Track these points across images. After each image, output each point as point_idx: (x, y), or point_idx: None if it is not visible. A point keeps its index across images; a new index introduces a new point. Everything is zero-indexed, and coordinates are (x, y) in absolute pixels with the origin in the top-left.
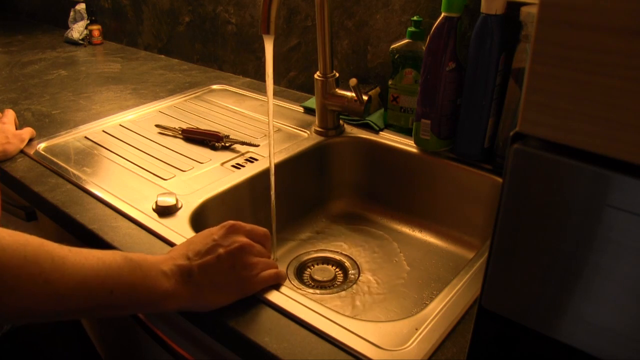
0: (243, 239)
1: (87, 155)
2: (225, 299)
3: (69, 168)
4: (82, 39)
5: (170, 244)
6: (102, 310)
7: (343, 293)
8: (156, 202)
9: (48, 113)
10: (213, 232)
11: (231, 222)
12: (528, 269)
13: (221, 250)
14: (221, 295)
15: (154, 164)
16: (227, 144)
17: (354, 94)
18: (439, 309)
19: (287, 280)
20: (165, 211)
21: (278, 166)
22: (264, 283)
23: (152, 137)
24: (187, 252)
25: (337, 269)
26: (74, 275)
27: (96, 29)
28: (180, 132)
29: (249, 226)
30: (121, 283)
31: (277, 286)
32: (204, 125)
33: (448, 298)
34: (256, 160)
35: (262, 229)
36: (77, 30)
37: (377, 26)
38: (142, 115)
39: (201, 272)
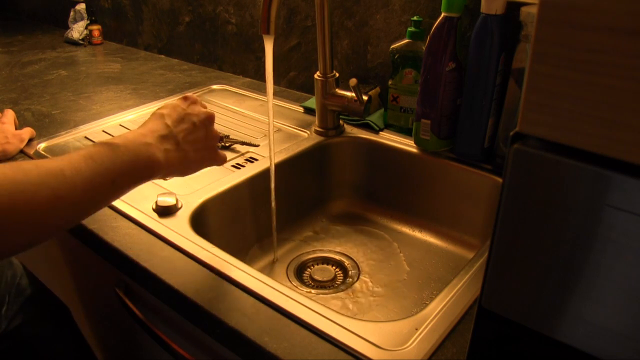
0: (207, 111)
1: None
2: (202, 163)
3: None
4: (82, 39)
5: (171, 244)
6: (108, 201)
7: (343, 293)
8: (156, 202)
9: (48, 113)
10: (177, 103)
11: (186, 94)
12: (528, 268)
13: (195, 119)
14: (200, 160)
15: None
16: (227, 144)
17: (354, 94)
18: (439, 309)
19: (287, 280)
20: (165, 211)
21: (278, 166)
22: (222, 157)
23: None
24: (164, 121)
25: (337, 269)
26: (77, 182)
27: (96, 29)
28: None
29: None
30: (119, 171)
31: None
32: None
33: (448, 298)
34: (256, 160)
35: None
36: (77, 30)
37: (377, 26)
38: (142, 115)
39: (184, 139)
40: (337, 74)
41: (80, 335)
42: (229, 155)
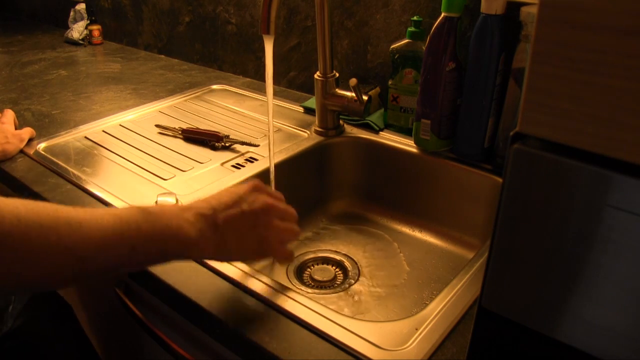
0: (267, 199)
1: (87, 155)
2: (245, 254)
3: (69, 168)
4: (82, 39)
5: None
6: (126, 267)
7: (343, 293)
8: (156, 202)
9: (48, 113)
10: (238, 189)
11: (254, 181)
12: (528, 269)
13: (245, 207)
14: (242, 250)
15: (154, 164)
16: (227, 144)
17: (354, 94)
18: (439, 309)
19: (287, 280)
20: None
21: (278, 166)
22: (281, 252)
23: (152, 137)
24: (212, 202)
25: (337, 269)
26: (92, 236)
27: (96, 29)
28: (180, 132)
29: (269, 189)
30: (142, 237)
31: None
32: (204, 125)
33: (448, 298)
34: (256, 160)
35: (278, 193)
36: (77, 30)
37: (377, 26)
38: (142, 115)
39: (225, 223)
40: (337, 74)
41: (82, 334)
42: (228, 155)
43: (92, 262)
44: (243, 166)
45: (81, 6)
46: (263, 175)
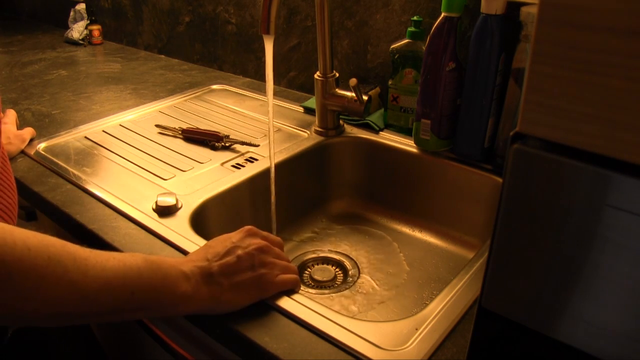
0: (260, 241)
1: (87, 155)
2: (245, 298)
3: (69, 168)
4: (82, 39)
5: (171, 244)
6: (123, 312)
7: (343, 293)
8: (156, 202)
9: (48, 113)
10: (231, 236)
11: (248, 226)
12: (528, 268)
13: (240, 252)
14: (240, 295)
15: (154, 164)
16: (227, 144)
17: (354, 94)
18: (439, 309)
19: None
20: (165, 211)
21: (278, 166)
22: (282, 285)
23: (152, 137)
24: (206, 254)
25: (337, 269)
26: (96, 276)
27: (96, 29)
28: (180, 132)
29: (264, 233)
30: (142, 284)
31: (291, 292)
32: (204, 125)
33: (448, 298)
34: (256, 160)
35: (276, 237)
36: (77, 30)
37: (377, 26)
38: (142, 115)
39: (221, 273)
40: (337, 74)
41: (91, 334)
42: (228, 155)
43: (94, 302)
44: (243, 166)
45: (81, 6)
46: (263, 175)
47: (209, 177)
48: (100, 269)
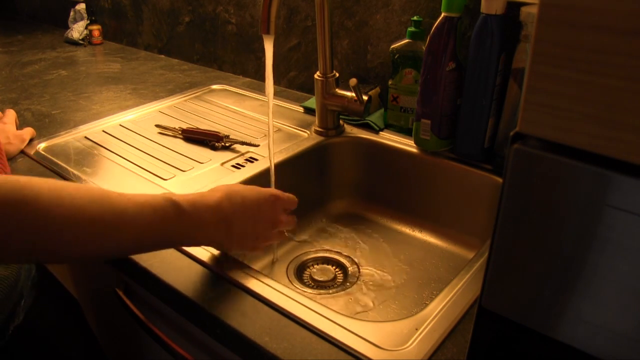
0: (283, 218)
1: (87, 155)
2: (244, 246)
3: (69, 168)
4: (82, 39)
5: None
6: (145, 251)
7: (343, 293)
8: None
9: (48, 113)
10: (260, 196)
11: (275, 194)
12: (528, 268)
13: (260, 216)
14: (243, 245)
15: (154, 164)
16: (227, 144)
17: (354, 94)
18: (439, 309)
19: (287, 280)
20: None
21: (278, 166)
22: (277, 235)
23: (152, 137)
24: (236, 197)
25: (337, 269)
26: (131, 229)
27: (96, 29)
28: (180, 132)
29: (285, 200)
30: (170, 234)
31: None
32: (204, 125)
33: (448, 298)
34: (256, 160)
35: (290, 198)
36: (77, 30)
37: (377, 26)
38: (142, 115)
39: (238, 226)
40: (337, 74)
41: (88, 328)
42: (228, 155)
43: (126, 249)
44: (243, 166)
45: (81, 6)
46: (263, 175)
47: (209, 177)
48: (135, 221)
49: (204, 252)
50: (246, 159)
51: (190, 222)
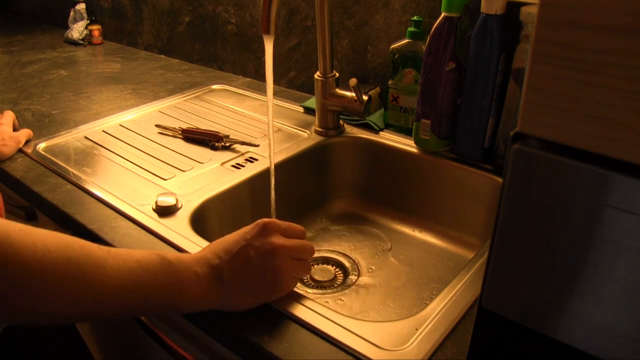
0: (277, 241)
1: (87, 155)
2: (253, 301)
3: (68, 168)
4: (82, 39)
5: (171, 244)
6: (133, 314)
7: (343, 293)
8: (156, 202)
9: (48, 113)
10: (246, 232)
11: (265, 220)
12: (528, 269)
13: (252, 253)
14: (248, 297)
15: (154, 164)
16: (227, 144)
17: (354, 94)
18: (439, 309)
19: None
20: (165, 211)
21: (278, 166)
22: (293, 286)
23: (152, 137)
24: (219, 251)
25: (337, 269)
26: (112, 280)
27: (96, 29)
28: (180, 132)
29: (284, 224)
30: (156, 289)
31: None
32: (204, 125)
33: (448, 298)
34: (256, 160)
35: (298, 227)
36: (77, 30)
37: (377, 26)
38: (142, 115)
39: (231, 274)
40: (337, 74)
41: (76, 332)
42: (228, 155)
43: (107, 305)
44: (243, 166)
45: (81, 6)
46: (263, 175)
47: (209, 177)
48: (118, 272)
49: None
50: (246, 159)
51: (178, 273)
